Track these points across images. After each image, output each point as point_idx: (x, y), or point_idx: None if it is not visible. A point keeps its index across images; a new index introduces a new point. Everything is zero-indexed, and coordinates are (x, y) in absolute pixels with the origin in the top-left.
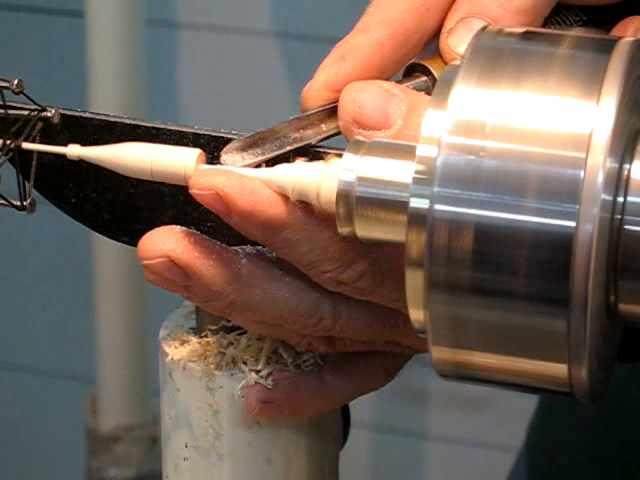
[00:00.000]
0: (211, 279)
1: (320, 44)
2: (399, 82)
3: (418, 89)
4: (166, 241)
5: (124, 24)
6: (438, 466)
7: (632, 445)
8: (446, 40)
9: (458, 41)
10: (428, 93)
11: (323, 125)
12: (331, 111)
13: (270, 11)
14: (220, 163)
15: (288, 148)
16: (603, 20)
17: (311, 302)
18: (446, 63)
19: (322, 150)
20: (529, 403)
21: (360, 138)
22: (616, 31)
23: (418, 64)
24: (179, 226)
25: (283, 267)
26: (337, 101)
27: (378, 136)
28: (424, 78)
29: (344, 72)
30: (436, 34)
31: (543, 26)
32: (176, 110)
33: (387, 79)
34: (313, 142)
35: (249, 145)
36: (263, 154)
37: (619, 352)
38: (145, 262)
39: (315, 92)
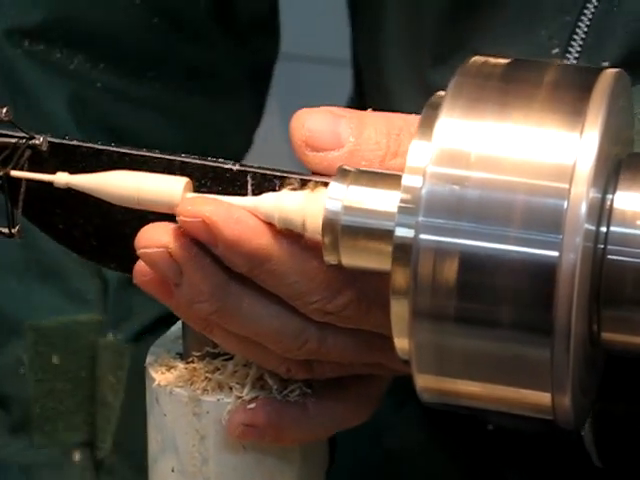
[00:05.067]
0: (203, 279)
1: (311, 64)
2: None
3: None
4: (167, 233)
5: None
6: None
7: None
8: None
9: None
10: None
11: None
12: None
13: None
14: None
15: None
16: None
17: (297, 324)
18: None
19: (308, 179)
20: None
21: (347, 167)
22: None
23: None
24: None
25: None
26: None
27: (333, 156)
28: None
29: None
30: None
31: None
32: None
33: None
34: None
35: None
36: None
37: None
38: (142, 250)
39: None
